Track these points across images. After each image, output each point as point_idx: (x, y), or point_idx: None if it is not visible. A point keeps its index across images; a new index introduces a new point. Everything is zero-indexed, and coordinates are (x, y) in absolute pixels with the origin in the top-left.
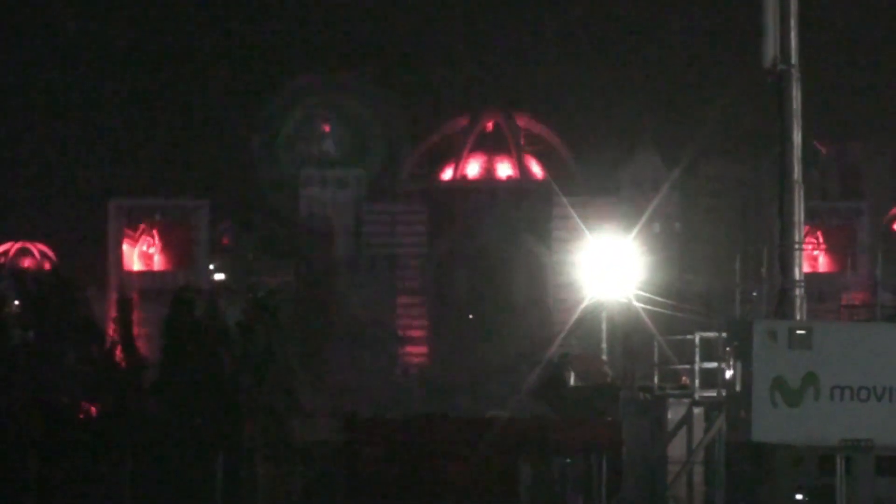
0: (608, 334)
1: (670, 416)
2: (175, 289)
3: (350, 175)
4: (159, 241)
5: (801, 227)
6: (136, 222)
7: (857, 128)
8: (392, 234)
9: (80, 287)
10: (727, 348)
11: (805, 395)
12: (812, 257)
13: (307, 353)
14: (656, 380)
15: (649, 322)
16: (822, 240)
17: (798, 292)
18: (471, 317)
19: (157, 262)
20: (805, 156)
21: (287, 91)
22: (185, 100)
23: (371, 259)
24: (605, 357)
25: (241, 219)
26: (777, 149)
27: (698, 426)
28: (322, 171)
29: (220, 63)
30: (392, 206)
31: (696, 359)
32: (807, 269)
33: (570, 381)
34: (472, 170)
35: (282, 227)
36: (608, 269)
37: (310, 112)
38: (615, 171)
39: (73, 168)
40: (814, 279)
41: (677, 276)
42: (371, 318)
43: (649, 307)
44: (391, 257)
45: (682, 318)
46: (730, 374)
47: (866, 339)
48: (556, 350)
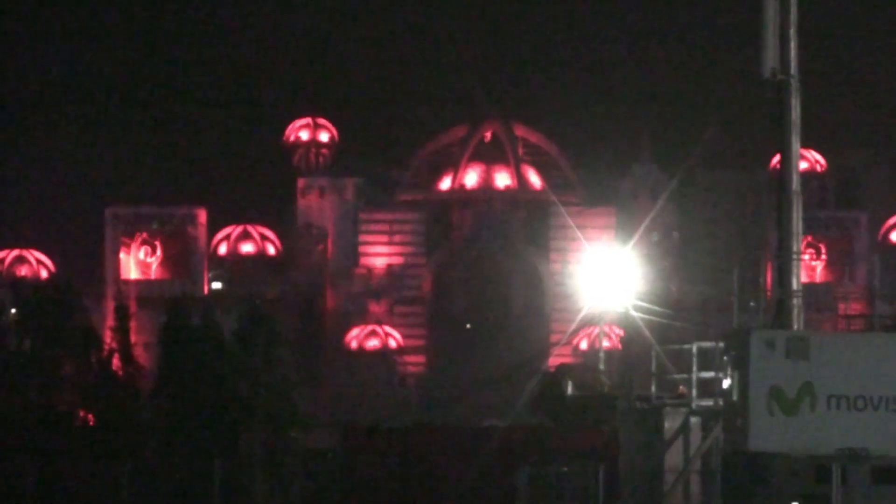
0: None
1: (667, 425)
2: (172, 297)
3: (347, 184)
4: (156, 249)
5: (800, 237)
6: (133, 230)
7: (856, 137)
8: (389, 243)
9: (77, 295)
10: (724, 358)
11: (802, 404)
12: (810, 267)
13: (305, 362)
14: (654, 389)
15: (647, 332)
16: (821, 250)
17: (796, 302)
18: (468, 326)
19: (155, 271)
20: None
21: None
22: (183, 107)
23: (368, 269)
24: (602, 366)
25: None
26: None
27: (695, 435)
28: (319, 179)
29: (218, 70)
30: (389, 216)
31: (694, 368)
32: (805, 278)
33: (568, 390)
34: (471, 179)
35: (279, 236)
36: (606, 279)
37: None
38: (613, 181)
39: (70, 176)
40: (811, 289)
41: (675, 285)
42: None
43: (647, 317)
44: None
45: (680, 328)
46: (727, 383)
47: (863, 349)
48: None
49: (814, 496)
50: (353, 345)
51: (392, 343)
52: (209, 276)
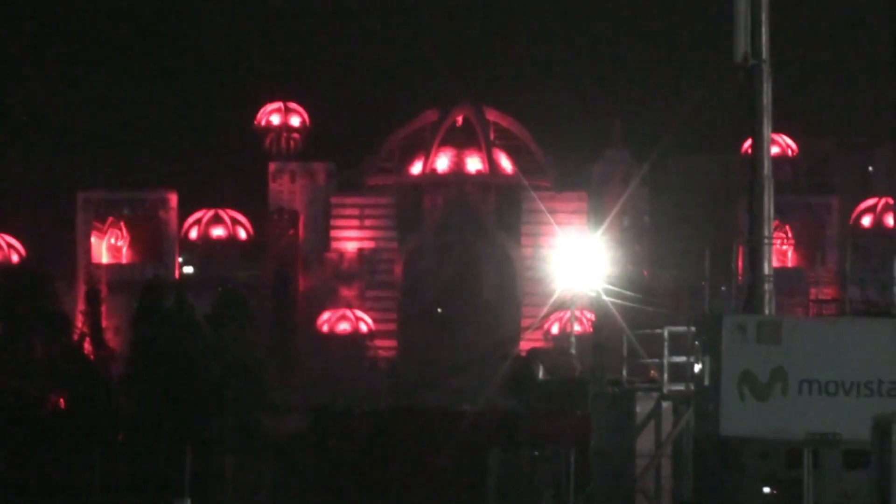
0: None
1: (639, 409)
2: (144, 281)
3: (318, 168)
4: (128, 233)
5: (771, 221)
6: (104, 215)
7: (828, 123)
8: (361, 227)
9: (48, 280)
10: (696, 343)
11: (773, 389)
12: (781, 252)
13: (276, 346)
14: (625, 373)
15: (618, 316)
16: (791, 235)
17: (767, 287)
18: (439, 311)
19: (126, 255)
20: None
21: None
22: (155, 90)
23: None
24: (573, 351)
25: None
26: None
27: (667, 420)
28: (290, 164)
29: (189, 54)
30: (360, 200)
31: (665, 353)
32: (776, 263)
33: (539, 374)
34: (442, 164)
35: (250, 220)
36: (577, 263)
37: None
38: (585, 165)
39: (41, 160)
40: (783, 274)
41: (647, 270)
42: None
43: (618, 301)
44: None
45: (651, 312)
46: (698, 368)
47: (835, 333)
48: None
49: (785, 481)
50: (325, 329)
51: (363, 327)
52: (180, 260)
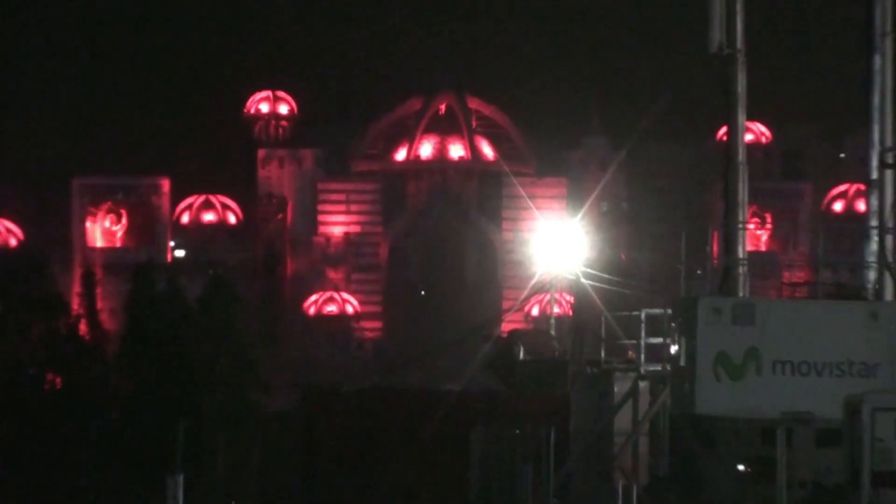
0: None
1: (617, 389)
2: (137, 264)
3: (306, 155)
4: (121, 218)
5: (745, 206)
6: (99, 200)
7: (800, 111)
8: (347, 212)
9: (45, 262)
10: (672, 324)
11: (747, 369)
12: (755, 236)
13: (265, 327)
14: (603, 354)
15: (597, 298)
16: (765, 219)
17: (741, 270)
18: (423, 293)
19: (120, 239)
20: None
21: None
22: (149, 81)
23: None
24: (553, 332)
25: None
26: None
27: (644, 399)
28: (278, 150)
29: (180, 44)
30: (347, 186)
31: (642, 334)
32: (750, 247)
33: (520, 355)
34: (425, 150)
35: (240, 205)
36: (557, 247)
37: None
38: (564, 152)
39: (38, 148)
40: (757, 257)
41: (624, 253)
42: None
43: (597, 284)
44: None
45: (629, 295)
46: (675, 349)
47: (807, 315)
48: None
49: (759, 458)
50: (312, 311)
51: (349, 309)
52: (173, 243)
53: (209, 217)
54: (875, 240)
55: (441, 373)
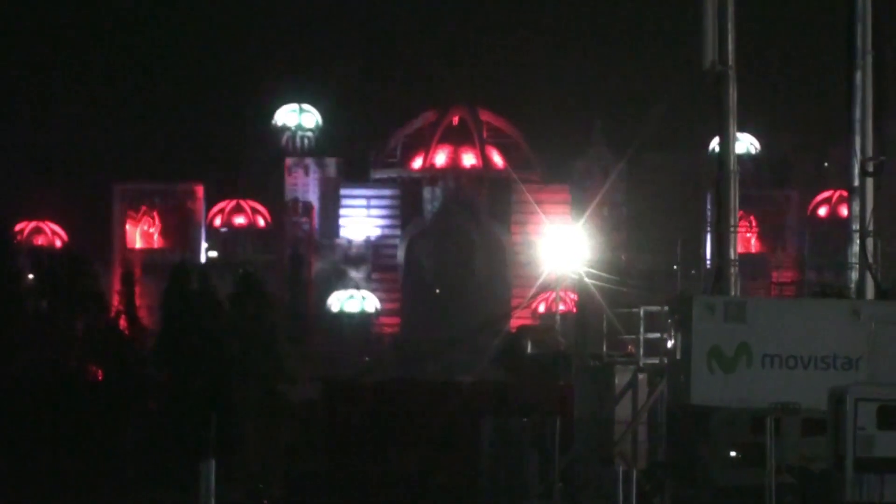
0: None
1: (617, 381)
2: (173, 265)
3: (329, 163)
4: (159, 221)
5: (736, 212)
6: (138, 204)
7: (787, 123)
8: (367, 216)
9: (88, 263)
10: (669, 321)
11: (739, 362)
12: (745, 239)
13: (291, 324)
14: (605, 348)
15: (599, 296)
16: (755, 224)
17: (733, 271)
18: (438, 291)
19: (157, 241)
20: None
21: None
22: (186, 95)
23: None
24: (558, 328)
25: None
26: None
27: (642, 390)
28: (304, 159)
29: (215, 60)
30: (367, 192)
31: (641, 330)
32: (741, 249)
33: (528, 349)
34: (440, 159)
35: (268, 209)
36: (562, 249)
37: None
38: (569, 161)
39: (82, 156)
40: (747, 259)
41: (625, 255)
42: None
43: (599, 283)
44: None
45: (629, 293)
46: (671, 343)
47: (794, 313)
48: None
49: (750, 445)
50: (335, 307)
51: (370, 306)
52: (206, 245)
53: (240, 220)
54: (857, 242)
55: (454, 366)
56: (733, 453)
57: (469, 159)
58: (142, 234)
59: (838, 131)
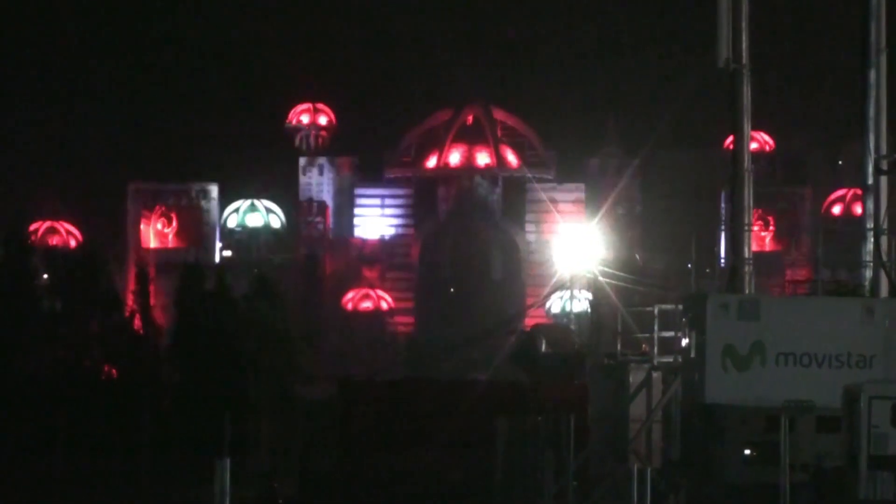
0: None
1: (632, 379)
2: (187, 264)
3: (343, 162)
4: (173, 221)
5: (750, 210)
6: (152, 204)
7: (801, 120)
8: (382, 215)
9: (102, 262)
10: (683, 319)
11: (753, 361)
12: (760, 237)
13: (306, 322)
14: (619, 347)
15: (613, 295)
16: (769, 222)
17: (747, 269)
18: (452, 290)
19: (171, 240)
20: None
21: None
22: (199, 94)
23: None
24: (573, 327)
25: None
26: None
27: (657, 388)
28: (318, 158)
29: (229, 61)
30: (381, 191)
31: (656, 328)
32: (755, 247)
33: (542, 348)
34: (454, 159)
35: (283, 209)
36: (576, 248)
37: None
38: (583, 160)
39: (95, 155)
40: (761, 257)
41: (639, 254)
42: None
43: (613, 282)
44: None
45: (643, 292)
46: (685, 342)
47: (808, 311)
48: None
49: (764, 443)
50: (350, 307)
51: (384, 305)
52: (220, 245)
53: (254, 220)
54: (871, 240)
55: (469, 364)
56: (747, 451)
57: (483, 158)
58: (156, 233)
59: (852, 129)
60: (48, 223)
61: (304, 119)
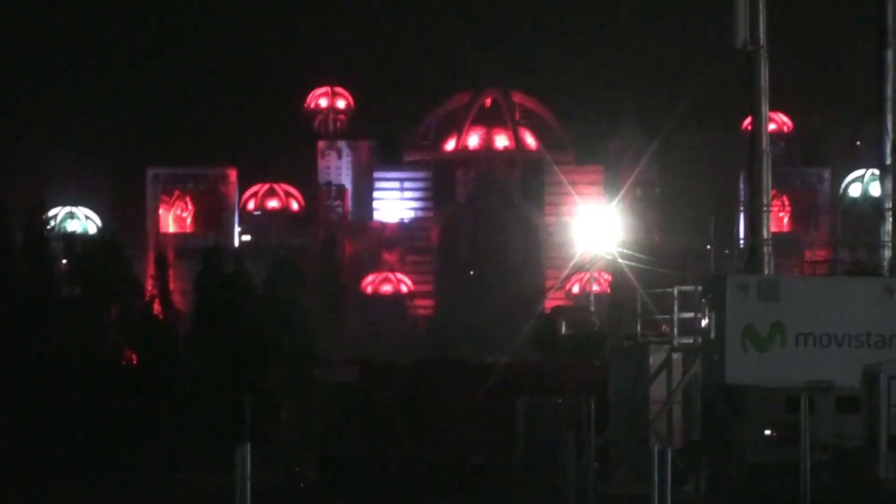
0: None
1: (652, 360)
2: (206, 249)
3: (362, 146)
4: (192, 205)
5: (769, 190)
6: (171, 189)
7: (819, 101)
8: (401, 199)
9: (121, 247)
10: (703, 300)
11: (773, 341)
12: (778, 218)
13: (326, 306)
14: (639, 328)
15: (632, 277)
16: (788, 202)
17: (766, 250)
18: (472, 273)
19: (190, 225)
20: None
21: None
22: (217, 78)
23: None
24: (592, 308)
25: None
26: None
27: (677, 370)
28: (337, 141)
29: (248, 45)
30: (400, 174)
31: (675, 310)
32: (774, 228)
33: (562, 329)
34: (473, 141)
35: (302, 193)
36: (595, 229)
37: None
38: (601, 141)
39: (114, 140)
40: (780, 238)
41: (658, 235)
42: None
43: (632, 264)
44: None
45: (662, 273)
46: (705, 323)
47: (827, 291)
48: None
49: (784, 424)
50: (369, 290)
51: (403, 288)
52: (239, 229)
53: (273, 204)
54: (889, 220)
55: (489, 346)
56: (767, 432)
57: (502, 141)
58: (175, 218)
59: (870, 109)
60: (67, 208)
61: (323, 103)
